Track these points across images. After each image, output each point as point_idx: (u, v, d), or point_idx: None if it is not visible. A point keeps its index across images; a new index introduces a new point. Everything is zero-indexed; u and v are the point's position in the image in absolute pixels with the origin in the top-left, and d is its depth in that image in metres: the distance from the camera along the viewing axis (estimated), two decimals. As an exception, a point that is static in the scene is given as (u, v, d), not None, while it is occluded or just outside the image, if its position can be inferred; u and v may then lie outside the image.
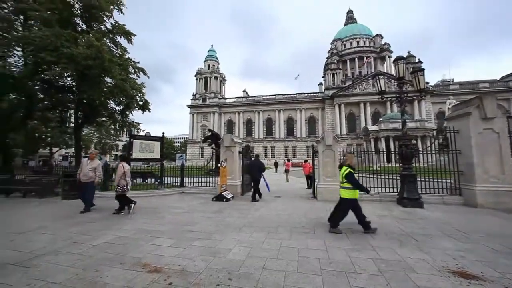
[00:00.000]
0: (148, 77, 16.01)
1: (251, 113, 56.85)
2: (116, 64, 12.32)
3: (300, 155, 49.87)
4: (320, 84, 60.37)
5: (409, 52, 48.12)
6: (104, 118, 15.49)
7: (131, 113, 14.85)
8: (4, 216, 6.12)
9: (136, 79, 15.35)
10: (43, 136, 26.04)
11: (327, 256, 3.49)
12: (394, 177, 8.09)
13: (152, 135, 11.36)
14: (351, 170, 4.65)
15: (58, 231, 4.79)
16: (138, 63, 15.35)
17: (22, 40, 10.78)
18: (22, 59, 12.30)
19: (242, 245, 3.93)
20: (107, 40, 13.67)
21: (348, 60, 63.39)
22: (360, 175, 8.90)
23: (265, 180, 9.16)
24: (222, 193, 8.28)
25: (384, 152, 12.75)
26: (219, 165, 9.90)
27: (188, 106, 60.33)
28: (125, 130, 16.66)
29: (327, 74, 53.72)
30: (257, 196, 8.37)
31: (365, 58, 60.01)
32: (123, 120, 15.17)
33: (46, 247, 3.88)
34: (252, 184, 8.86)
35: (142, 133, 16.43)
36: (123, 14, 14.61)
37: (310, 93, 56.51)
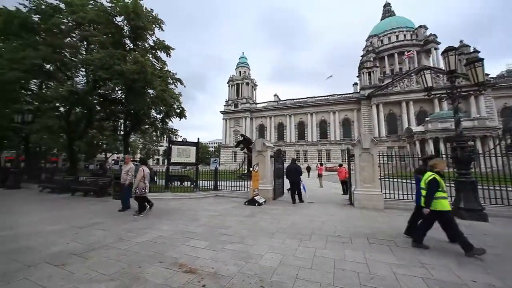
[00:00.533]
0: (185, 86, 17.29)
1: (283, 117, 56.51)
2: (157, 76, 13.57)
3: (334, 159, 47.53)
4: (355, 84, 57.06)
5: (461, 41, 42.35)
6: (147, 126, 17.13)
7: (171, 120, 16.14)
8: (71, 212, 7.12)
9: (174, 89, 16.72)
10: (100, 143, 29.86)
11: (367, 270, 3.19)
12: (447, 184, 7.09)
13: (188, 140, 12.13)
14: (436, 177, 3.97)
15: (109, 227, 5.37)
16: (176, 74, 16.72)
17: (85, 62, 12.65)
18: (85, 78, 14.43)
19: (274, 252, 3.85)
20: (150, 56, 15.18)
21: (386, 57, 58.75)
22: (406, 181, 8.05)
23: (302, 183, 8.95)
24: (254, 198, 8.32)
25: (443, 156, 11.30)
26: (251, 169, 10.01)
27: (221, 112, 62.97)
28: (165, 136, 18.18)
29: (363, 73, 50.51)
30: (297, 198, 8.50)
31: (406, 52, 54.78)
32: (163, 127, 16.57)
33: (100, 241, 4.37)
34: (289, 189, 9.02)
35: (179, 139, 17.66)
36: (163, 31, 16.10)
37: (344, 94, 53.75)
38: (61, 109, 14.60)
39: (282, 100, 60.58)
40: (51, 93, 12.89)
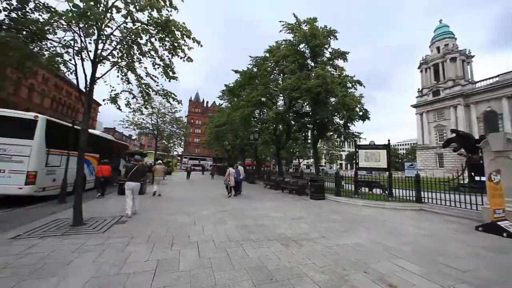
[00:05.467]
0: (364, 86, 16.26)
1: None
2: (337, 84, 14.09)
3: None
4: None
5: None
6: (331, 133, 18.22)
7: (354, 124, 15.83)
8: (283, 204, 9.33)
9: (354, 91, 16.30)
10: (294, 151, 36.91)
11: None
12: None
13: (375, 143, 11.03)
14: None
15: (312, 223, 6.24)
16: (354, 76, 16.27)
17: (282, 88, 16.55)
18: (283, 101, 18.85)
19: None
20: (328, 67, 16.24)
21: None
22: None
23: None
24: (497, 222, 5.44)
25: None
26: (479, 178, 6.77)
27: (413, 106, 50.47)
28: (348, 141, 18.17)
29: None
30: None
31: None
32: (346, 132, 16.64)
33: (307, 233, 5.21)
34: None
35: (363, 142, 16.67)
36: (337, 39, 16.59)
37: None
38: (271, 127, 20.18)
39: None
40: (266, 117, 18.37)
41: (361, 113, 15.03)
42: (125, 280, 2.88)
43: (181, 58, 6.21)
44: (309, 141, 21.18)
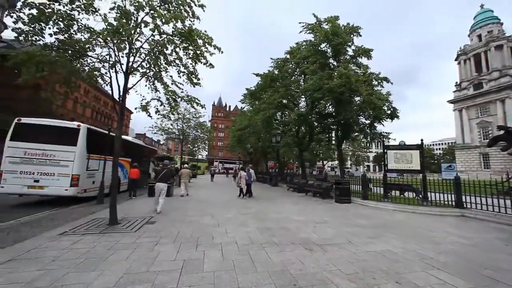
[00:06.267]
0: (391, 83, 15.32)
1: None
2: (361, 82, 13.44)
3: None
4: None
5: None
6: (356, 133, 17.39)
7: (382, 124, 14.92)
8: (307, 208, 9.12)
9: (381, 89, 15.41)
10: (318, 153, 35.89)
11: None
12: None
13: (406, 144, 10.24)
14: None
15: (336, 227, 5.99)
16: (379, 73, 15.40)
17: (304, 90, 16.28)
18: (305, 102, 18.53)
19: None
20: (351, 65, 15.58)
21: None
22: None
23: None
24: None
25: None
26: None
27: (450, 101, 46.04)
28: (375, 141, 17.15)
29: None
30: None
31: None
32: (372, 132, 15.73)
33: (332, 239, 5.01)
34: None
35: (392, 143, 15.63)
36: (360, 36, 15.88)
37: None
38: (293, 129, 19.91)
39: None
40: (288, 119, 18.21)
41: (389, 112, 14.14)
42: (154, 278, 3.05)
43: (203, 64, 6.50)
44: (333, 142, 20.45)
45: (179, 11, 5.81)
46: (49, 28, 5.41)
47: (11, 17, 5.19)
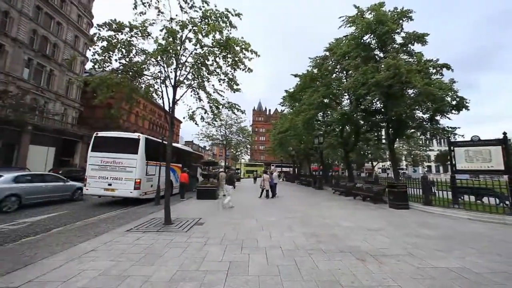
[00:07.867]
0: (452, 70, 13.08)
1: None
2: (415, 72, 11.79)
3: None
4: None
5: None
6: (412, 130, 15.29)
7: (447, 117, 12.77)
8: (356, 213, 8.40)
9: (441, 77, 13.26)
10: (366, 153, 32.92)
11: None
12: None
13: (480, 139, 8.47)
14: None
15: (393, 236, 5.32)
16: (438, 60, 13.31)
17: (346, 87, 15.24)
18: (348, 100, 17.34)
19: None
20: (401, 54, 13.86)
21: None
22: None
23: None
24: None
25: None
26: None
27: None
28: (437, 138, 14.72)
29: None
30: None
31: None
32: (433, 128, 13.56)
33: (388, 248, 4.46)
34: None
35: (460, 139, 13.16)
36: (412, 20, 14.03)
37: None
38: (336, 129, 18.76)
39: None
40: (330, 119, 17.30)
41: (454, 102, 12.07)
42: (203, 277, 3.21)
43: (242, 69, 6.75)
44: (384, 141, 18.46)
45: (217, 23, 6.17)
46: (115, 55, 6.42)
47: (89, 50, 6.37)
